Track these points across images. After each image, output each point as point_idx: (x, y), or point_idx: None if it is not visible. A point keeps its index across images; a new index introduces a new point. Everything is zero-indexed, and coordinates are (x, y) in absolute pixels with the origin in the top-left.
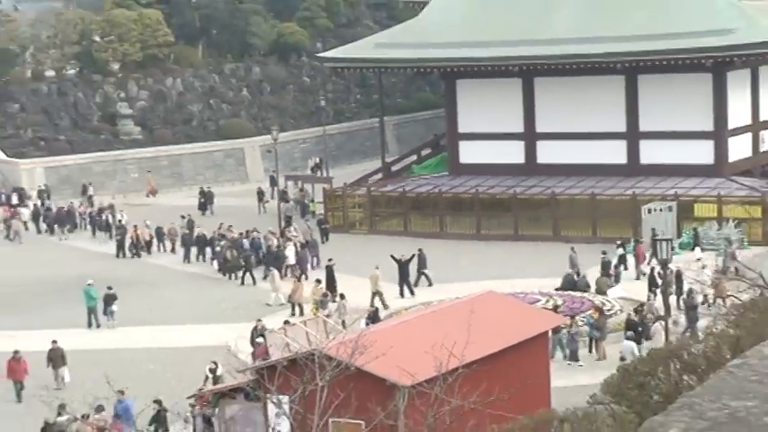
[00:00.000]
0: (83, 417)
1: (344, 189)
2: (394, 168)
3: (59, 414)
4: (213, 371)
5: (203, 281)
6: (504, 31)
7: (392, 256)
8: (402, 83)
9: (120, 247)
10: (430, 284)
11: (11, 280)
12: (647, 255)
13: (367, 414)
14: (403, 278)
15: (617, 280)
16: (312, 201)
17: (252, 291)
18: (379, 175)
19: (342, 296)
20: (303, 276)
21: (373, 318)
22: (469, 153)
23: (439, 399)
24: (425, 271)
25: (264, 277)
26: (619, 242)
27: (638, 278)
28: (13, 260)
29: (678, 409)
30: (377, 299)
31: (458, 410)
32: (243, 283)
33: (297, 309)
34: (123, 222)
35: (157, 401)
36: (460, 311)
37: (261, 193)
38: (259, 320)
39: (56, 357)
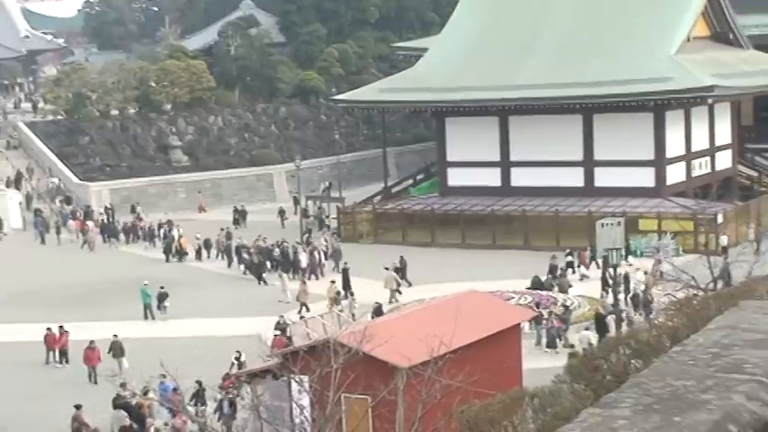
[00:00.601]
0: (143, 392)
1: (354, 207)
2: (394, 190)
3: (123, 390)
4: (238, 359)
5: (237, 281)
6: (484, 78)
7: (385, 267)
8: (401, 120)
9: (167, 253)
10: (410, 285)
11: (83, 281)
12: (588, 260)
13: (372, 391)
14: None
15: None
16: (327, 216)
17: (276, 290)
18: (382, 196)
19: (352, 294)
20: (313, 277)
21: (377, 312)
22: (456, 178)
23: (431, 379)
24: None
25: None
26: (568, 250)
27: (581, 279)
28: (86, 265)
29: (629, 387)
30: (394, 294)
31: (446, 388)
32: (264, 283)
33: (302, 306)
34: (176, 234)
35: (198, 382)
36: (448, 307)
37: (282, 212)
38: (281, 316)
39: (116, 349)
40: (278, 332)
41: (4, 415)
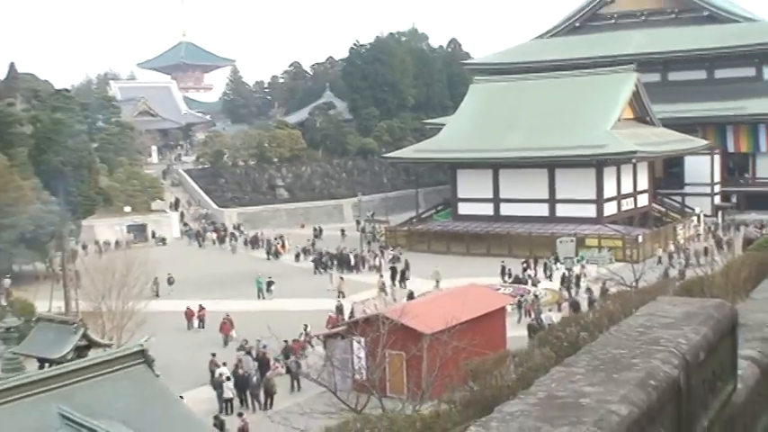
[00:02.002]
0: (263, 345)
1: (396, 227)
2: (423, 216)
3: (246, 343)
4: (305, 328)
5: (316, 274)
6: (482, 144)
7: (391, 268)
8: (428, 170)
9: (268, 254)
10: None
11: (220, 272)
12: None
13: (406, 349)
14: (396, 277)
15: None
16: (377, 232)
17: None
18: (414, 220)
19: (393, 285)
20: (371, 272)
21: (410, 297)
22: (464, 209)
23: (446, 342)
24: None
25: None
26: (523, 260)
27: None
28: (221, 262)
29: (583, 353)
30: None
31: (456, 349)
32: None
33: (339, 294)
34: (274, 241)
35: (285, 341)
36: (457, 294)
37: (342, 231)
38: (338, 300)
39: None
40: (331, 313)
41: (164, 360)
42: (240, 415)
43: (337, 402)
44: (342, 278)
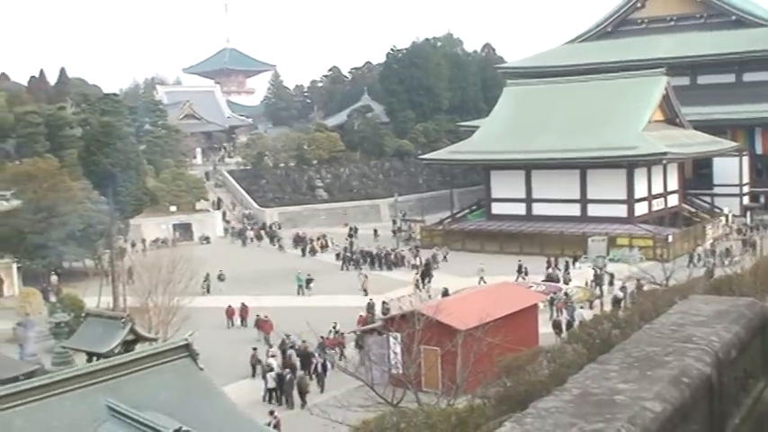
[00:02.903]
0: (303, 340)
1: (431, 226)
2: (458, 216)
3: (287, 338)
4: (334, 327)
5: (343, 270)
6: (515, 146)
7: (414, 265)
8: (462, 171)
9: (304, 251)
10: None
11: (262, 270)
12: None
13: (441, 345)
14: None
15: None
16: (413, 232)
17: (372, 277)
18: (450, 219)
19: (429, 281)
20: (394, 268)
21: (445, 294)
22: (497, 208)
23: (480, 338)
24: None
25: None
26: (546, 259)
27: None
28: (265, 260)
29: (616, 351)
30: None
31: (489, 344)
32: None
33: (365, 291)
34: (328, 242)
35: (322, 337)
36: (490, 291)
37: (375, 231)
38: (371, 298)
39: (258, 325)
40: (362, 313)
41: (207, 354)
42: (271, 413)
43: (374, 396)
44: (366, 276)
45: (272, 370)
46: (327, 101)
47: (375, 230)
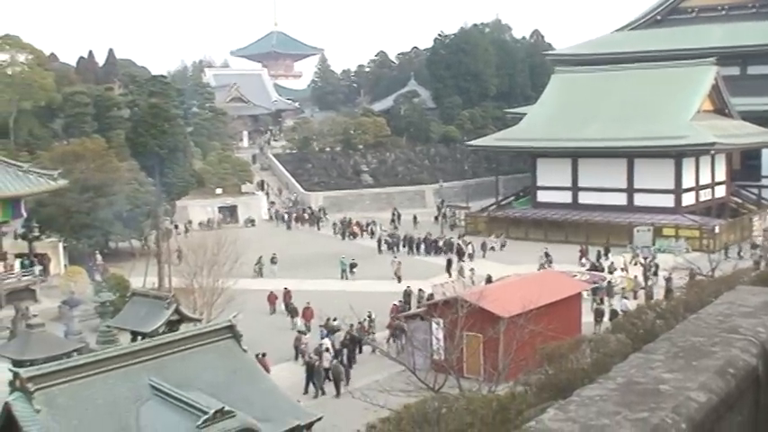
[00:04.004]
0: (350, 325)
1: (476, 213)
2: (502, 203)
3: (328, 322)
4: (369, 315)
5: (400, 256)
6: (562, 134)
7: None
8: (508, 158)
9: (343, 234)
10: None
11: (307, 253)
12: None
13: (484, 332)
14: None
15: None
16: (457, 219)
17: (414, 262)
18: (494, 206)
19: (472, 269)
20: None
21: (488, 281)
22: (543, 196)
23: (522, 325)
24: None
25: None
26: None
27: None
28: (310, 244)
29: (661, 340)
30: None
31: (532, 332)
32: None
33: (398, 278)
34: (376, 229)
35: (359, 322)
36: (534, 279)
37: (414, 217)
38: (408, 286)
39: (292, 311)
40: (396, 302)
41: (249, 336)
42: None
43: (416, 381)
44: (399, 262)
45: (328, 350)
46: (374, 86)
47: (415, 217)
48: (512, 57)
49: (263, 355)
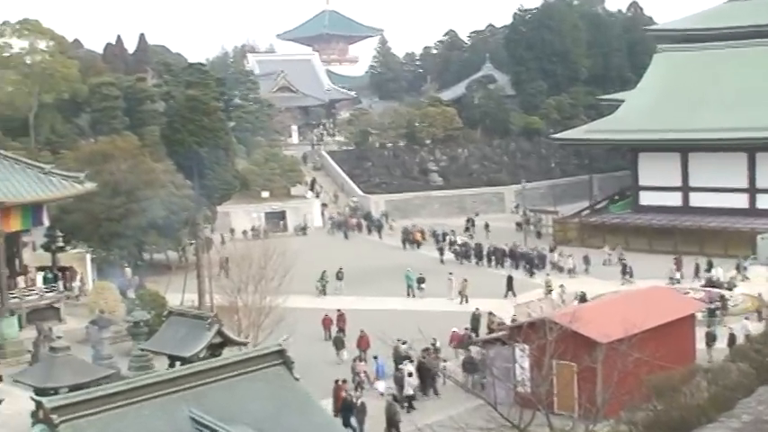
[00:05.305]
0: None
1: (565, 218)
2: (597, 207)
3: (397, 348)
4: (434, 344)
5: (470, 268)
6: (669, 123)
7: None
8: (603, 153)
9: (404, 243)
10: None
11: (365, 265)
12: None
13: (578, 360)
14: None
15: None
16: (542, 225)
17: (486, 277)
18: (588, 211)
19: (561, 286)
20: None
21: (582, 299)
22: (646, 198)
23: (624, 352)
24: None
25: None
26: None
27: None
28: (370, 255)
29: None
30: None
31: (636, 361)
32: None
33: (462, 297)
34: (457, 239)
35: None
36: (637, 297)
37: (486, 225)
38: (477, 309)
39: (337, 342)
40: (455, 329)
41: (302, 362)
42: None
43: (497, 417)
44: (465, 279)
45: (411, 375)
46: (443, 71)
47: (486, 224)
48: (605, 33)
49: (344, 381)
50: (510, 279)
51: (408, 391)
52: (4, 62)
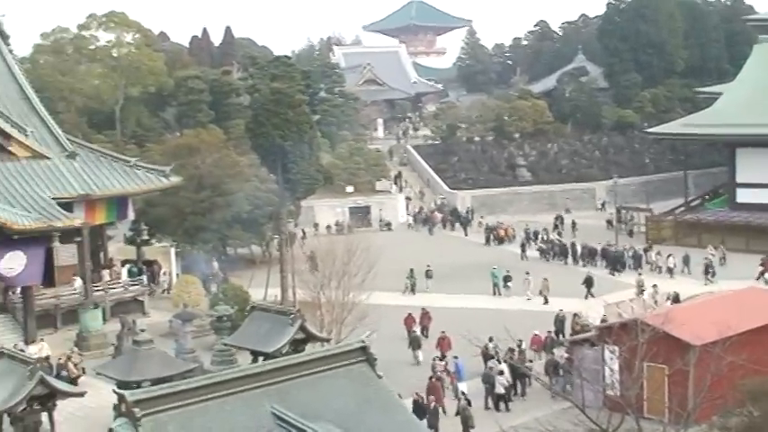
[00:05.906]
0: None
1: (660, 216)
2: (692, 204)
3: (487, 348)
4: (519, 345)
5: (558, 267)
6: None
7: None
8: (699, 148)
9: (487, 239)
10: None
11: (450, 262)
12: None
13: (669, 363)
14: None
15: None
16: (634, 223)
17: (576, 274)
18: (683, 208)
19: (655, 286)
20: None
21: (675, 300)
22: (743, 196)
23: (719, 355)
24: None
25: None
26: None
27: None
28: (457, 252)
29: None
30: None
31: (731, 365)
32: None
33: (544, 298)
34: (552, 237)
35: (518, 343)
36: (734, 299)
37: (573, 223)
38: (560, 310)
39: (414, 342)
40: (537, 332)
41: (385, 359)
42: None
43: (585, 420)
44: (546, 279)
45: (502, 373)
46: (533, 62)
47: (573, 222)
48: (703, 23)
49: (438, 379)
50: (590, 279)
51: (499, 389)
52: (90, 55)
